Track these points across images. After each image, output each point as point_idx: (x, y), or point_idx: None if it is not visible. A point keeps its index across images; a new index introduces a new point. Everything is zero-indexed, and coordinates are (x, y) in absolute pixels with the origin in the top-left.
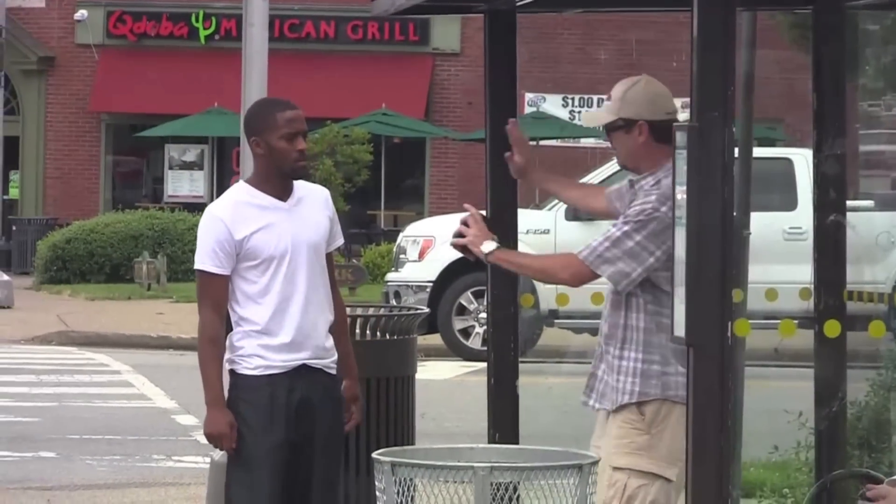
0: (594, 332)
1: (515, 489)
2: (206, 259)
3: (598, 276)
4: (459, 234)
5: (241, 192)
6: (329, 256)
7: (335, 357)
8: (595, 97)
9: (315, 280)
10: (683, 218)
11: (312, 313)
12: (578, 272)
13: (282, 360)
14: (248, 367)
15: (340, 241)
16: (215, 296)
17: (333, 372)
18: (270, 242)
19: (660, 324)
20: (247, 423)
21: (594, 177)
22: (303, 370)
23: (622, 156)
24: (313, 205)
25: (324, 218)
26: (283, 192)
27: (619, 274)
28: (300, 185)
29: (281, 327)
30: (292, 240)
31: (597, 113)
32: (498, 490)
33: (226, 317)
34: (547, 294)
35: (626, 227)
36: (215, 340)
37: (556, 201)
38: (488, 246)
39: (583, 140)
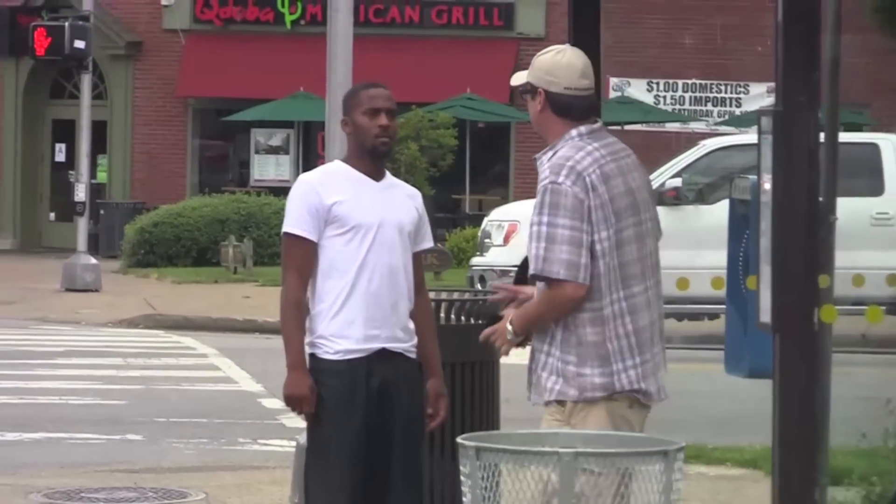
0: (680, 317)
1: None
2: (293, 222)
3: (583, 285)
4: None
5: (334, 166)
6: (417, 258)
7: (415, 341)
8: (680, 82)
9: (399, 261)
10: (769, 203)
11: (394, 292)
12: (555, 292)
13: (361, 342)
14: (327, 352)
15: (429, 243)
16: (300, 261)
17: (413, 356)
18: (359, 212)
19: (577, 318)
20: (325, 407)
21: (679, 162)
22: (382, 354)
23: (531, 120)
24: (404, 194)
25: (412, 209)
26: (374, 173)
27: (572, 266)
28: (394, 178)
29: (362, 300)
30: (381, 215)
31: (520, 73)
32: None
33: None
34: None
35: (544, 217)
36: (298, 304)
37: None
38: (508, 333)
39: (667, 125)
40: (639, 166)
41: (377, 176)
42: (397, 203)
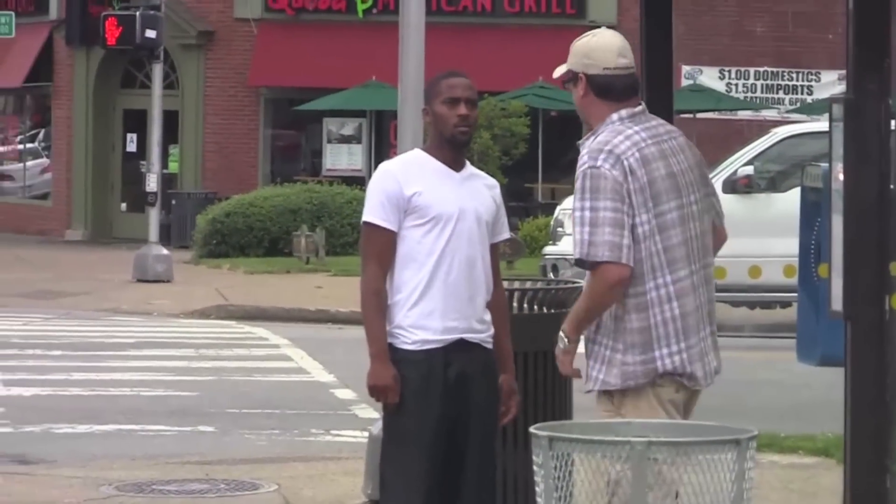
0: (752, 305)
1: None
2: (372, 211)
3: (626, 266)
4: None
5: (414, 155)
6: (494, 249)
7: (492, 331)
8: (751, 70)
9: (477, 252)
10: (841, 191)
11: (472, 284)
12: (600, 275)
13: (439, 333)
14: (405, 342)
15: (506, 234)
16: (379, 250)
17: (490, 346)
18: (439, 202)
19: (631, 305)
20: (403, 398)
21: (751, 150)
22: (460, 344)
23: (576, 108)
24: (483, 185)
25: (491, 200)
26: (454, 163)
27: (615, 247)
28: (473, 168)
29: (440, 292)
30: (460, 205)
31: (560, 66)
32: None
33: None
34: None
35: (586, 203)
36: (379, 293)
37: (717, 173)
38: (561, 342)
39: (739, 112)
40: (687, 148)
41: (457, 166)
42: (476, 194)
